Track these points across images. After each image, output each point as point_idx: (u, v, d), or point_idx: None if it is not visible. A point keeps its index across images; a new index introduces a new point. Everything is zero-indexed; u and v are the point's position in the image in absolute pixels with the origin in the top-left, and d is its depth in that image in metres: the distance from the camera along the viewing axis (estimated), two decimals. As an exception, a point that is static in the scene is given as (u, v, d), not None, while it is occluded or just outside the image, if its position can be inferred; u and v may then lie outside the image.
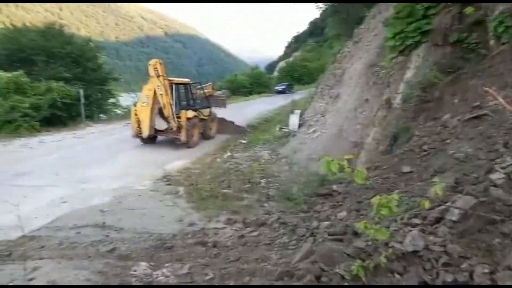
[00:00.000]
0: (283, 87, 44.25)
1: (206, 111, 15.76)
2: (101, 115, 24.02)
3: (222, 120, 18.78)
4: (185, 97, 14.92)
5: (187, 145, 13.56)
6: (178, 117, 13.38)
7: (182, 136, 13.36)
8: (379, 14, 12.21)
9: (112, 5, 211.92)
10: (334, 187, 6.10)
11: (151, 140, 14.07)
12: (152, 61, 13.06)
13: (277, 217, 5.84)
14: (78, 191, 8.51)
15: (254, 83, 47.77)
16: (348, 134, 9.35)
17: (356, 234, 3.99)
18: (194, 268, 4.40)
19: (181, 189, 8.55)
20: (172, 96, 13.44)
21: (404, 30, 7.88)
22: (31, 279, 4.51)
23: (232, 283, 3.95)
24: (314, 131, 11.51)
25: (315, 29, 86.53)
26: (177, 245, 5.41)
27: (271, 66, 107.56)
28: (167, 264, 4.76)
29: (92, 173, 9.95)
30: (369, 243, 3.00)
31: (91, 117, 21.94)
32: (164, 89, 12.84)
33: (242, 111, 25.02)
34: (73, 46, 22.11)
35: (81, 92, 19.57)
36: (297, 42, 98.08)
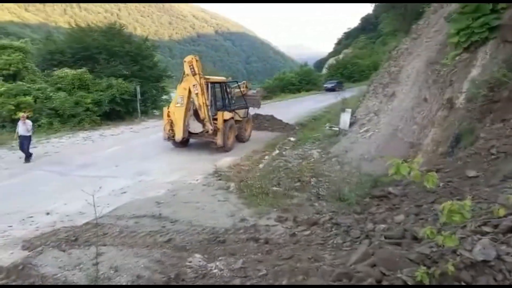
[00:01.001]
0: (333, 84, 43.37)
1: (241, 112, 14.71)
2: (155, 110, 25.10)
3: (271, 118, 18.87)
4: (221, 96, 13.69)
5: (223, 149, 12.50)
6: (215, 119, 12.29)
7: (219, 140, 12.28)
8: (441, 8, 11.57)
9: (167, 5, 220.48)
10: (390, 189, 5.89)
11: (183, 144, 13.04)
12: (188, 58, 11.86)
13: (329, 217, 5.77)
14: (136, 182, 8.98)
15: (302, 80, 47.33)
16: (404, 135, 8.98)
17: (415, 239, 3.84)
18: (248, 263, 4.47)
19: (232, 185, 8.69)
20: (209, 96, 12.40)
21: (470, 25, 7.41)
22: (95, 264, 4.84)
23: (285, 280, 3.96)
24: (367, 131, 11.18)
25: (367, 25, 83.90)
26: (229, 240, 5.53)
27: (319, 63, 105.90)
28: (220, 258, 4.88)
29: (148, 166, 10.44)
30: (434, 249, 2.86)
31: (146, 113, 23.00)
32: (200, 89, 11.66)
33: (291, 109, 24.96)
34: (131, 45, 23.26)
35: (138, 88, 20.59)
36: (348, 38, 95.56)
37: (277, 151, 12.65)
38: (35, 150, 12.35)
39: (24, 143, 10.95)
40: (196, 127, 12.47)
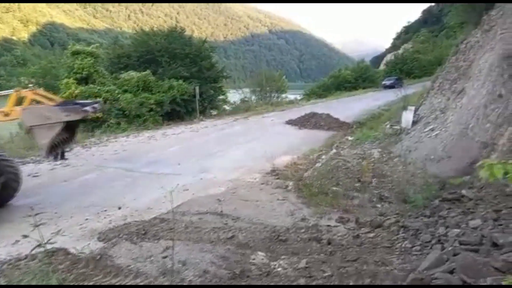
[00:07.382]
0: (392, 81, 41.68)
1: None
2: (212, 110, 25.82)
3: (326, 116, 18.55)
4: None
5: None
6: None
7: None
8: (518, -4, 10.57)
9: (223, 6, 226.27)
10: (463, 191, 5.53)
11: None
12: None
13: (395, 220, 5.56)
14: (197, 180, 9.30)
15: (359, 77, 46.05)
16: (475, 134, 8.36)
17: (495, 245, 3.58)
18: (311, 264, 4.45)
19: (290, 184, 8.68)
20: None
21: (555, 13, 6.70)
22: (165, 257, 5.09)
23: (351, 283, 3.90)
24: (432, 129, 10.57)
25: (430, 18, 79.53)
26: (291, 239, 5.52)
27: (376, 60, 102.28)
28: (283, 256, 4.91)
29: (208, 164, 10.78)
30: (522, 258, 2.65)
31: (203, 112, 23.75)
32: None
33: (347, 107, 24.43)
34: (191, 47, 24.12)
35: (197, 89, 21.34)
36: (408, 32, 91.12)
37: (334, 150, 12.38)
38: (105, 149, 13.32)
39: None
40: None
